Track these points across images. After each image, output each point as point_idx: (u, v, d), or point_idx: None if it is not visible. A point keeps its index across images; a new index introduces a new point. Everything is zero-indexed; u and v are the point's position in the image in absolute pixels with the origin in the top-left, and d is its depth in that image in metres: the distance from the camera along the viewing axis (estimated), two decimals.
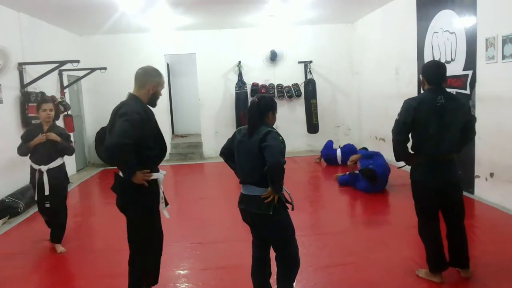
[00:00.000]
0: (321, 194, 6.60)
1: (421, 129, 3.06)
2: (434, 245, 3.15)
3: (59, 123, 7.29)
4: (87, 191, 7.41)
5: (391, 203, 5.52)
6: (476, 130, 3.25)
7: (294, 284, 2.78)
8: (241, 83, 9.43)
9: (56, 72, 7.30)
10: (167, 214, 2.95)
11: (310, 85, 9.34)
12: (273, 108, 2.72)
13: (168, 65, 11.10)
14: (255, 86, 9.55)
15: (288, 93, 9.70)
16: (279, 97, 9.56)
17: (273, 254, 2.78)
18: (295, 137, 9.44)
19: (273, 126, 2.72)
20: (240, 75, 9.49)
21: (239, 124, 9.02)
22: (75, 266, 3.95)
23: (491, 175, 5.06)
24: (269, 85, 9.66)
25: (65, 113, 7.54)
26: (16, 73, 6.34)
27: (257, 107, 2.65)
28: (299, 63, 9.68)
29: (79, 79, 8.40)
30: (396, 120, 3.15)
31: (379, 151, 6.75)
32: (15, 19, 6.53)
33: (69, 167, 4.47)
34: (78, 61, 6.78)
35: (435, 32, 6.11)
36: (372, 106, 8.81)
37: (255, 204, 2.61)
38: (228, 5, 7.26)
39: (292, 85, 9.71)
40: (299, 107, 9.71)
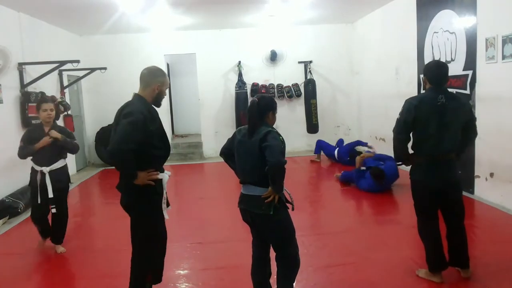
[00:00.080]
0: (321, 194, 6.60)
1: (421, 128, 3.07)
2: (434, 245, 3.15)
3: (59, 123, 7.34)
4: (87, 191, 7.41)
5: (391, 203, 5.52)
6: (476, 131, 3.24)
7: (294, 284, 2.78)
8: (241, 83, 9.42)
9: (56, 72, 7.30)
10: (166, 215, 2.95)
11: (310, 85, 9.34)
12: (273, 108, 2.72)
13: (168, 65, 11.10)
14: (255, 86, 9.55)
15: (288, 93, 9.70)
16: (279, 97, 9.55)
17: (273, 254, 2.78)
18: (295, 137, 9.44)
19: (273, 126, 2.72)
20: (240, 75, 9.49)
21: (239, 124, 9.01)
22: (75, 266, 3.95)
23: (491, 175, 5.06)
24: (269, 85, 9.66)
25: (65, 113, 7.55)
26: (16, 73, 6.34)
27: (257, 107, 2.65)
28: (299, 63, 9.67)
29: (79, 79, 8.41)
30: (397, 119, 3.15)
31: (380, 151, 6.76)
32: (15, 19, 6.53)
33: (69, 167, 4.44)
34: (78, 61, 6.78)
35: (435, 32, 6.10)
36: (372, 106, 8.81)
37: (255, 204, 2.61)
38: (228, 5, 7.26)
39: (292, 85, 9.71)
40: (299, 107, 9.71)
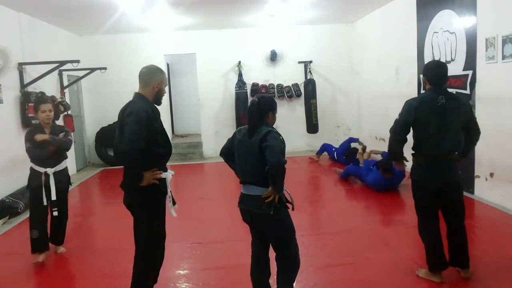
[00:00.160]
0: (321, 194, 6.60)
1: (421, 129, 3.06)
2: (434, 245, 3.15)
3: (59, 123, 7.33)
4: (87, 191, 7.40)
5: (391, 203, 5.51)
6: (479, 130, 3.22)
7: (294, 284, 2.78)
8: (241, 83, 9.42)
9: (56, 72, 7.30)
10: (174, 213, 2.96)
11: (310, 85, 9.34)
12: (273, 108, 2.73)
13: (168, 65, 11.10)
14: (255, 86, 9.55)
15: (288, 93, 9.70)
16: (279, 97, 9.55)
17: (273, 254, 2.78)
18: (295, 137, 9.43)
19: (273, 126, 2.72)
20: (240, 75, 9.49)
21: (239, 124, 9.01)
22: (75, 266, 3.95)
23: (491, 175, 5.06)
24: (269, 85, 9.66)
25: (65, 113, 7.55)
26: (16, 73, 6.34)
27: (257, 107, 2.66)
28: (299, 63, 9.67)
29: (79, 79, 8.40)
30: (396, 120, 3.14)
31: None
32: (15, 19, 6.53)
33: (69, 167, 4.43)
34: (78, 61, 6.77)
35: (435, 32, 6.10)
36: (372, 106, 8.81)
37: (255, 203, 2.61)
38: (228, 5, 7.26)
39: (292, 85, 9.71)
40: (299, 107, 9.71)
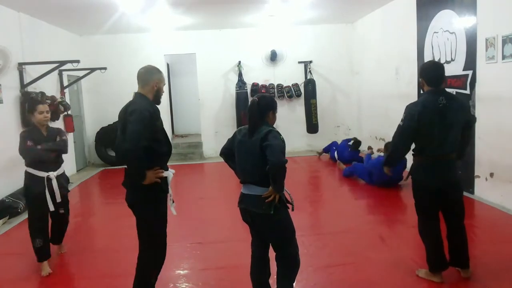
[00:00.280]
0: (321, 194, 6.60)
1: (425, 132, 3.03)
2: (434, 245, 3.15)
3: (59, 123, 7.36)
4: (87, 191, 7.39)
5: (391, 203, 5.51)
6: (474, 130, 3.22)
7: (294, 284, 2.78)
8: (241, 83, 9.43)
9: (56, 72, 7.31)
10: (174, 211, 2.99)
11: (310, 85, 9.34)
12: (273, 107, 2.73)
13: (168, 65, 11.10)
14: (255, 86, 9.55)
15: (288, 93, 9.70)
16: (279, 97, 9.55)
17: (273, 254, 2.78)
18: (295, 137, 9.43)
19: (273, 125, 2.72)
20: (240, 75, 9.49)
21: (240, 124, 9.02)
22: (75, 266, 3.94)
23: (491, 175, 5.06)
24: (269, 85, 9.66)
25: (65, 113, 7.57)
26: (16, 73, 6.34)
27: (257, 107, 2.66)
28: (299, 63, 9.67)
29: (79, 79, 8.41)
30: (399, 126, 3.11)
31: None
32: (15, 19, 6.53)
33: (69, 167, 4.43)
34: (78, 61, 6.78)
35: (435, 32, 6.10)
36: (372, 106, 8.81)
37: (255, 203, 2.61)
38: (228, 5, 7.26)
39: (292, 85, 9.71)
40: (299, 107, 9.71)
